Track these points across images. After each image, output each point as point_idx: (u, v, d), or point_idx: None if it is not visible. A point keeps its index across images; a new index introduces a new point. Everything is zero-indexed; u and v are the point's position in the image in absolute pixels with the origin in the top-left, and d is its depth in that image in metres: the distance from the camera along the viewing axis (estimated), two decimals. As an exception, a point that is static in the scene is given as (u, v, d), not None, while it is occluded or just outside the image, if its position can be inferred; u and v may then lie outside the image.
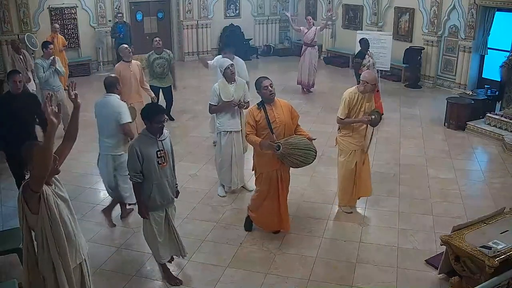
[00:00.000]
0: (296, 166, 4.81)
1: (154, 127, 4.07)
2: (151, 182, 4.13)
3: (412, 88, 11.67)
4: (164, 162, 4.15)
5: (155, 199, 4.19)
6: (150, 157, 4.07)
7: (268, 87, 4.82)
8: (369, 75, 5.39)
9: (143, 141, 4.11)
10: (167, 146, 4.24)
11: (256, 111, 4.84)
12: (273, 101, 4.88)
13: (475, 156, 7.66)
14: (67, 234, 3.16)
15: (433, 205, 5.92)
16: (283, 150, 4.64)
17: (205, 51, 15.21)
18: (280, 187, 5.00)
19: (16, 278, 4.08)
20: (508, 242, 4.07)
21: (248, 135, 4.85)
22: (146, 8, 14.43)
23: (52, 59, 7.93)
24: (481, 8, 10.32)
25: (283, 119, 4.83)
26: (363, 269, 4.69)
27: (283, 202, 5.08)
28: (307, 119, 9.20)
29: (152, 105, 4.31)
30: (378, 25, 13.03)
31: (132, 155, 4.06)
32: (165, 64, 8.55)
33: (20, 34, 11.82)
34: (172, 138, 8.22)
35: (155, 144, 4.12)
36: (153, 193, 4.15)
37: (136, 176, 4.09)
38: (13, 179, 6.01)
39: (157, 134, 4.12)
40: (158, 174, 4.14)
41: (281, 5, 16.39)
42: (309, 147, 4.74)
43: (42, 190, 3.01)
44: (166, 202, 4.28)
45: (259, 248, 5.04)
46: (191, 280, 4.53)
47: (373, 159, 7.32)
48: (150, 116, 4.06)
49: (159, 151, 4.12)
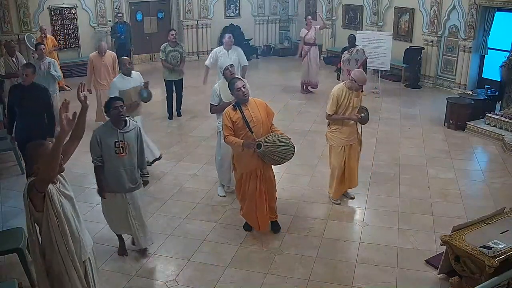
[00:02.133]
0: (277, 163, 4.88)
1: (112, 114, 4.39)
2: (107, 168, 4.48)
3: (412, 88, 11.67)
4: (122, 152, 4.43)
5: (109, 185, 4.54)
6: (108, 146, 4.40)
7: (241, 89, 4.86)
8: (360, 75, 5.52)
9: (104, 130, 4.46)
10: (129, 138, 4.48)
11: (232, 112, 4.87)
12: (248, 101, 4.93)
13: (475, 156, 7.65)
14: (71, 231, 3.19)
15: (433, 205, 5.92)
16: (265, 148, 4.69)
17: (205, 51, 15.20)
18: (259, 187, 4.98)
19: (16, 278, 4.08)
20: (508, 242, 4.07)
21: (226, 137, 4.87)
22: (146, 8, 14.44)
23: (48, 64, 7.80)
24: (481, 8, 10.32)
25: (259, 117, 4.89)
26: (363, 269, 4.69)
27: (260, 204, 5.03)
28: (307, 119, 9.21)
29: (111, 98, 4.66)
30: (378, 25, 13.03)
31: (92, 141, 4.43)
32: (179, 56, 8.95)
33: (20, 34, 11.83)
34: (172, 138, 8.38)
35: (114, 135, 4.42)
36: (109, 178, 4.51)
37: (96, 159, 4.47)
38: (13, 179, 6.01)
39: (117, 123, 4.41)
40: (115, 163, 4.45)
41: (281, 5, 16.40)
42: (288, 144, 4.82)
43: (47, 189, 3.04)
44: (121, 189, 4.56)
45: (259, 248, 5.05)
46: (191, 280, 4.53)
47: (373, 159, 7.34)
48: (107, 105, 4.44)
49: (117, 142, 4.40)
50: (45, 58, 7.91)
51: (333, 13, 14.72)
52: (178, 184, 6.52)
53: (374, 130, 8.63)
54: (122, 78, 6.35)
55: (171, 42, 8.87)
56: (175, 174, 6.85)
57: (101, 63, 8.36)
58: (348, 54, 9.68)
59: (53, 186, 3.12)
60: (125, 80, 6.29)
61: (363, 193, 6.23)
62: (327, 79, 11.82)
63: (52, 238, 3.14)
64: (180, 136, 8.52)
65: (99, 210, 5.75)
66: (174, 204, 5.97)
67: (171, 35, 8.87)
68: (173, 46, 8.88)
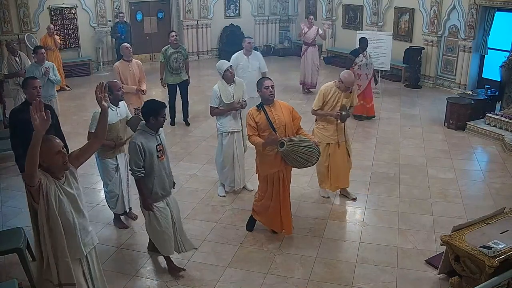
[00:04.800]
0: (300, 165, 4.75)
1: (160, 121, 4.25)
2: (152, 176, 4.29)
3: (412, 88, 11.67)
4: (163, 156, 4.35)
5: (157, 192, 4.35)
6: (152, 152, 4.24)
7: (269, 87, 4.84)
8: (347, 77, 5.59)
9: (144, 136, 4.26)
10: (163, 140, 4.41)
11: (255, 112, 4.85)
12: (272, 102, 4.90)
13: (475, 156, 7.65)
14: (66, 228, 3.20)
15: (433, 205, 5.92)
16: (288, 147, 4.63)
17: (205, 51, 15.23)
18: (282, 189, 4.99)
19: (16, 278, 4.08)
20: (508, 242, 4.07)
21: (250, 137, 4.83)
22: (146, 8, 14.44)
23: (46, 69, 7.22)
24: (481, 8, 10.32)
25: (283, 119, 4.84)
26: (363, 269, 4.69)
27: (285, 204, 5.06)
28: (307, 119, 9.20)
29: (154, 101, 4.37)
30: (378, 25, 13.03)
31: (135, 151, 4.18)
32: (181, 58, 8.59)
33: (20, 34, 11.83)
34: (172, 138, 8.38)
35: (154, 139, 4.30)
36: (155, 186, 4.32)
37: (139, 170, 4.24)
38: (13, 179, 6.01)
39: (158, 129, 4.30)
40: (158, 167, 4.31)
41: (281, 5, 16.40)
42: (312, 146, 4.73)
43: (41, 184, 3.06)
44: (166, 193, 4.46)
45: (259, 248, 5.05)
46: (191, 280, 4.53)
47: (373, 159, 7.34)
48: (157, 111, 4.22)
49: (158, 145, 4.30)
50: (44, 62, 7.39)
51: (333, 13, 14.73)
52: (178, 184, 6.49)
53: (374, 130, 8.64)
54: (110, 109, 4.93)
55: (173, 44, 8.53)
56: (175, 174, 6.72)
57: (129, 72, 7.29)
58: (365, 58, 9.01)
59: (53, 182, 3.14)
60: (112, 112, 4.97)
61: (363, 193, 6.24)
62: (327, 79, 11.81)
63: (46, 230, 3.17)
64: (180, 136, 8.52)
65: (98, 210, 5.79)
66: (174, 204, 5.97)
67: (172, 37, 8.54)
68: (175, 48, 8.52)
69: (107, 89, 3.20)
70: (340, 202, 6.03)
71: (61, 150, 3.15)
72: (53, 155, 3.12)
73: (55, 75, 7.47)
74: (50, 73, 7.27)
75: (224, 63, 6.01)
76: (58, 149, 3.14)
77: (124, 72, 7.26)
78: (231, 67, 5.96)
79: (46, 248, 3.20)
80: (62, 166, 3.18)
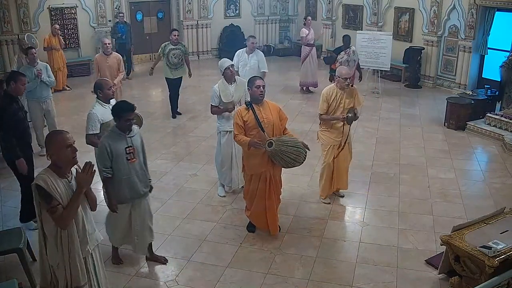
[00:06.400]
0: (287, 164, 4.77)
1: (123, 124, 4.23)
2: (120, 177, 4.28)
3: (412, 88, 11.67)
4: (133, 158, 4.30)
5: (125, 194, 4.34)
6: (119, 153, 4.23)
7: (260, 87, 4.87)
8: (340, 69, 5.62)
9: (112, 137, 4.26)
10: (136, 142, 4.36)
11: (244, 111, 4.87)
12: (262, 102, 4.93)
13: (475, 156, 7.65)
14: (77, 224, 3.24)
15: (433, 205, 5.92)
16: (276, 147, 4.65)
17: (205, 51, 15.22)
18: (268, 189, 4.98)
19: (16, 278, 4.07)
20: (508, 242, 4.07)
21: (236, 136, 4.87)
22: (146, 8, 14.44)
23: (38, 71, 7.10)
24: (481, 8, 10.32)
25: (271, 119, 4.88)
26: (363, 269, 4.69)
27: (271, 204, 5.05)
28: (307, 119, 9.21)
29: (122, 103, 4.37)
30: (378, 25, 13.03)
31: (102, 151, 4.22)
32: (181, 54, 8.94)
33: (20, 34, 11.81)
34: (172, 138, 8.38)
35: (124, 141, 4.26)
36: (122, 187, 4.31)
37: (105, 171, 4.25)
38: (13, 179, 5.99)
39: (126, 131, 4.27)
40: (128, 169, 4.28)
41: (281, 5, 16.40)
42: (300, 146, 4.77)
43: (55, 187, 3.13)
44: (136, 195, 4.42)
45: (259, 248, 5.04)
46: (191, 280, 4.53)
47: (373, 159, 7.34)
48: (120, 113, 4.22)
49: (127, 147, 4.26)
50: (36, 63, 7.25)
51: (333, 13, 14.72)
52: (178, 184, 6.52)
53: (374, 130, 8.64)
54: (102, 107, 5.02)
55: (173, 42, 8.88)
56: (175, 174, 6.85)
57: (105, 64, 8.06)
58: (346, 55, 9.59)
59: (61, 182, 3.16)
60: (106, 110, 4.85)
61: (363, 193, 6.24)
62: (327, 79, 11.81)
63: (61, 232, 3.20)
64: (180, 136, 8.52)
65: (98, 210, 5.70)
66: (174, 204, 5.97)
67: (173, 35, 8.90)
68: (175, 45, 8.90)
69: (93, 171, 3.17)
70: (340, 202, 6.02)
71: (72, 144, 3.16)
72: (64, 148, 3.13)
73: (49, 76, 7.39)
74: (43, 74, 7.18)
75: (226, 61, 6.01)
76: (69, 143, 3.16)
77: (101, 63, 8.05)
78: (232, 66, 5.96)
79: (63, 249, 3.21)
80: (71, 160, 3.19)
